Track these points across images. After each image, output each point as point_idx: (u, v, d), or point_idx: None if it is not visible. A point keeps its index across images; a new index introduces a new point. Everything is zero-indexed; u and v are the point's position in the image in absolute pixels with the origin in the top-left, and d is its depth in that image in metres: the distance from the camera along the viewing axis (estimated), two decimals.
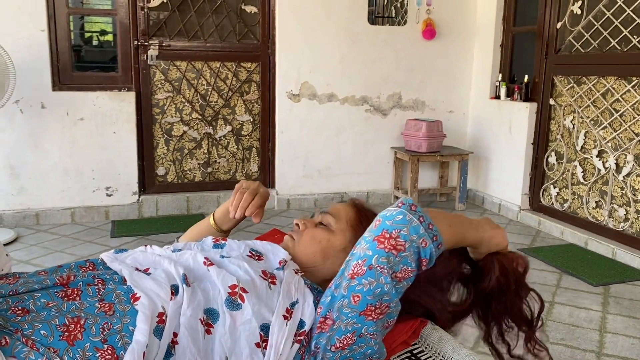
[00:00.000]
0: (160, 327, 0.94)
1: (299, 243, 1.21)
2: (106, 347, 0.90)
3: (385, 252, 0.97)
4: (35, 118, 3.78)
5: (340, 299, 0.99)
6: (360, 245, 1.01)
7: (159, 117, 4.17)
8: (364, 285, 0.98)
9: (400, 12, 4.67)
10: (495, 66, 4.54)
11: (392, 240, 0.97)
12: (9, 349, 0.86)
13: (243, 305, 0.99)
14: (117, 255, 1.12)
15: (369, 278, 0.97)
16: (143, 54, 4.05)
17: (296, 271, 1.12)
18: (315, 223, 1.24)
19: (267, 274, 1.07)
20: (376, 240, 0.98)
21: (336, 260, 1.17)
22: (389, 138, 4.64)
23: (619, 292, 2.91)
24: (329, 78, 4.41)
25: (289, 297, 1.04)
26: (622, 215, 3.47)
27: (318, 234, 1.20)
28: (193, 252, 1.11)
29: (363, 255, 0.99)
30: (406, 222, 0.99)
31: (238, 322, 0.99)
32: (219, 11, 4.20)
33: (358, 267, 0.98)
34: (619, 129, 3.48)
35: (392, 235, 0.98)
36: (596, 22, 3.63)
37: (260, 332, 0.99)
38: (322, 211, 1.25)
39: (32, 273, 1.07)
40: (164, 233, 3.73)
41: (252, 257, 1.15)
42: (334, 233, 1.20)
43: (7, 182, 3.79)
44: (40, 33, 3.72)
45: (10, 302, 0.94)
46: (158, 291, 0.98)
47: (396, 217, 0.99)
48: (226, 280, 1.01)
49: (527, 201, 4.24)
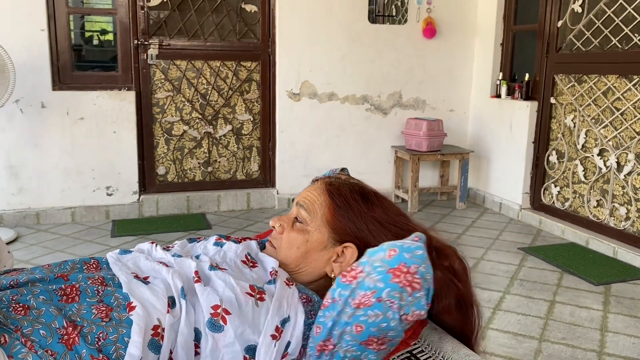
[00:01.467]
0: (155, 340, 0.93)
1: (279, 251, 1.16)
2: (101, 357, 0.89)
3: (399, 287, 0.91)
4: (36, 117, 3.78)
5: (342, 326, 0.95)
6: (368, 274, 0.94)
7: (159, 116, 4.17)
8: (369, 317, 0.93)
9: (400, 10, 4.66)
10: (495, 65, 4.53)
11: (409, 276, 0.91)
12: (7, 348, 0.86)
13: (225, 327, 0.96)
14: (121, 257, 1.11)
15: (376, 310, 0.92)
16: (143, 53, 4.04)
17: (288, 282, 1.07)
18: (291, 220, 1.17)
19: (255, 289, 1.02)
20: (391, 272, 0.92)
21: (318, 261, 1.14)
22: (389, 137, 4.64)
23: (620, 291, 2.90)
24: (329, 77, 4.40)
25: (279, 314, 1.00)
26: (623, 214, 3.46)
27: (294, 240, 1.14)
28: (190, 261, 1.07)
29: (373, 286, 0.92)
30: (425, 258, 0.93)
31: (220, 344, 0.96)
32: (219, 10, 4.19)
33: (366, 298, 0.92)
34: (620, 128, 3.47)
35: (410, 270, 0.92)
36: (597, 20, 3.62)
37: (245, 355, 0.96)
38: (297, 203, 1.18)
39: (35, 267, 1.07)
40: (164, 232, 3.73)
41: (246, 264, 1.12)
42: (310, 233, 1.14)
43: (7, 182, 3.79)
44: (40, 32, 3.72)
45: (9, 294, 0.94)
46: (155, 302, 0.96)
47: (416, 252, 0.93)
48: (209, 299, 0.97)
49: (528, 200, 4.23)
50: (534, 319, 2.59)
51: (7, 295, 0.93)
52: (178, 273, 1.04)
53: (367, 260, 0.97)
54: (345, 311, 0.95)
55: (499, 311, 2.65)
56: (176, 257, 1.10)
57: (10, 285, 0.96)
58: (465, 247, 3.58)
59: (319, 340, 0.98)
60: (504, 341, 2.37)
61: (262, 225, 3.99)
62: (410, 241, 0.96)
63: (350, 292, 0.95)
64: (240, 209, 4.38)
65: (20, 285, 0.97)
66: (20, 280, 0.97)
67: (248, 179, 4.48)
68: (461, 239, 3.75)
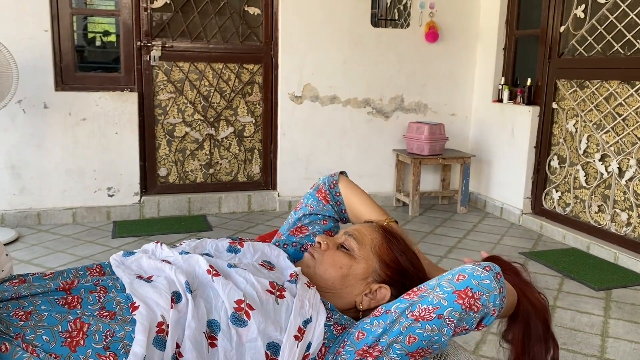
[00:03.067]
0: (160, 337, 0.93)
1: (319, 264, 1.17)
2: (108, 354, 0.89)
3: (461, 309, 0.96)
4: (38, 118, 3.79)
5: (394, 335, 0.97)
6: (433, 291, 0.98)
7: (161, 117, 4.17)
8: (425, 330, 0.96)
9: (403, 14, 4.67)
10: (498, 69, 4.54)
11: (472, 300, 0.96)
12: (9, 356, 0.86)
13: (249, 322, 0.97)
14: (124, 259, 1.11)
15: (434, 326, 0.96)
16: (146, 54, 4.05)
17: (308, 284, 1.08)
18: (337, 244, 1.20)
19: (275, 286, 1.04)
20: (456, 294, 0.96)
21: (353, 289, 1.15)
22: (391, 140, 4.64)
23: (620, 297, 2.89)
24: (331, 80, 4.41)
25: (301, 314, 1.01)
26: (624, 220, 3.46)
27: (340, 260, 1.16)
28: (199, 257, 1.08)
29: (437, 302, 0.96)
30: (491, 289, 0.97)
31: (244, 339, 0.97)
32: (222, 12, 4.20)
33: (427, 312, 0.96)
34: (621, 133, 3.47)
35: (475, 296, 0.96)
36: (599, 25, 3.63)
37: (267, 351, 0.97)
38: (346, 232, 1.21)
39: (37, 276, 1.06)
40: (165, 234, 3.73)
41: (264, 267, 1.13)
42: (356, 260, 1.16)
43: (8, 182, 3.79)
44: (43, 33, 3.73)
45: (11, 307, 0.94)
46: (157, 299, 0.97)
47: (483, 280, 0.97)
48: (232, 294, 0.99)
49: (529, 205, 4.23)
50: None
51: (8, 310, 0.93)
52: (182, 269, 1.04)
53: (434, 283, 1.00)
54: (401, 321, 0.98)
55: None
56: (183, 253, 1.11)
57: (11, 298, 0.96)
58: (466, 251, 3.58)
59: (361, 345, 0.99)
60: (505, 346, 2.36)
61: (263, 227, 4.00)
62: (482, 269, 0.99)
63: (410, 304, 0.99)
64: (241, 211, 4.38)
65: (22, 298, 0.97)
66: (22, 294, 0.97)
67: (249, 181, 4.48)
68: (462, 243, 3.75)
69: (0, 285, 1.02)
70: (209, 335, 0.97)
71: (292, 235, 1.35)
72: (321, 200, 1.37)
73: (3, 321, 0.90)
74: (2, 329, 0.89)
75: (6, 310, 0.93)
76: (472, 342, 2.40)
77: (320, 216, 1.36)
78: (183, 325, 0.96)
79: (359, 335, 1.00)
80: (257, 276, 1.05)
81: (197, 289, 1.01)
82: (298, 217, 1.37)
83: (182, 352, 0.95)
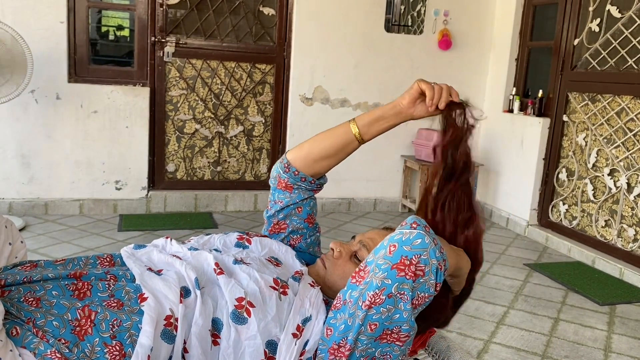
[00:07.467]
0: (168, 330, 0.93)
1: (329, 275, 1.16)
2: (114, 343, 0.90)
3: (406, 279, 0.93)
4: (50, 108, 3.81)
5: (357, 329, 0.96)
6: (374, 274, 0.95)
7: (172, 114, 4.19)
8: (381, 314, 0.95)
9: (416, 21, 4.67)
10: (509, 80, 4.53)
11: (412, 267, 0.93)
12: (19, 340, 0.87)
13: (249, 320, 0.97)
14: (135, 252, 1.12)
15: (388, 306, 0.94)
16: (159, 50, 4.07)
17: (312, 284, 1.08)
18: (351, 252, 1.18)
19: (279, 282, 1.04)
20: (395, 268, 0.93)
21: None
22: (399, 146, 4.64)
23: (625, 313, 2.88)
24: (342, 83, 4.41)
25: (301, 312, 1.01)
26: (631, 236, 3.44)
27: (350, 272, 1.12)
28: (208, 254, 1.08)
29: (381, 284, 0.94)
30: (426, 245, 0.94)
31: (243, 336, 0.97)
32: (237, 12, 4.22)
33: (376, 297, 0.94)
34: (632, 149, 3.46)
35: (413, 261, 0.93)
36: (614, 40, 3.62)
37: (265, 349, 0.97)
38: (360, 241, 1.19)
39: (49, 262, 1.07)
40: (171, 229, 3.74)
41: (270, 262, 1.13)
42: None
43: (18, 171, 3.82)
44: (59, 25, 3.75)
45: (22, 290, 0.95)
46: (167, 292, 0.97)
47: (415, 242, 0.94)
48: (234, 291, 0.99)
49: (536, 216, 4.21)
50: (537, 335, 2.57)
51: (19, 294, 0.94)
52: (192, 265, 1.05)
53: (372, 260, 0.98)
54: (358, 315, 0.96)
55: (503, 325, 2.64)
56: (192, 250, 1.11)
57: (23, 282, 0.97)
58: None
59: (330, 343, 0.98)
60: (507, 356, 2.36)
61: None
62: (409, 230, 0.96)
63: (360, 294, 0.96)
64: (247, 209, 4.39)
65: (33, 282, 0.98)
66: (34, 279, 0.98)
67: (256, 181, 4.49)
68: None
69: (12, 269, 1.04)
70: (213, 333, 0.97)
71: (274, 234, 1.32)
72: (285, 190, 1.30)
73: (14, 305, 0.91)
74: (14, 312, 0.90)
75: (17, 293, 0.94)
76: (474, 351, 2.39)
77: (292, 206, 1.31)
78: (190, 321, 0.96)
79: (327, 331, 0.99)
80: (262, 272, 1.05)
81: (206, 286, 1.02)
82: (271, 215, 1.33)
83: (187, 348, 0.95)
